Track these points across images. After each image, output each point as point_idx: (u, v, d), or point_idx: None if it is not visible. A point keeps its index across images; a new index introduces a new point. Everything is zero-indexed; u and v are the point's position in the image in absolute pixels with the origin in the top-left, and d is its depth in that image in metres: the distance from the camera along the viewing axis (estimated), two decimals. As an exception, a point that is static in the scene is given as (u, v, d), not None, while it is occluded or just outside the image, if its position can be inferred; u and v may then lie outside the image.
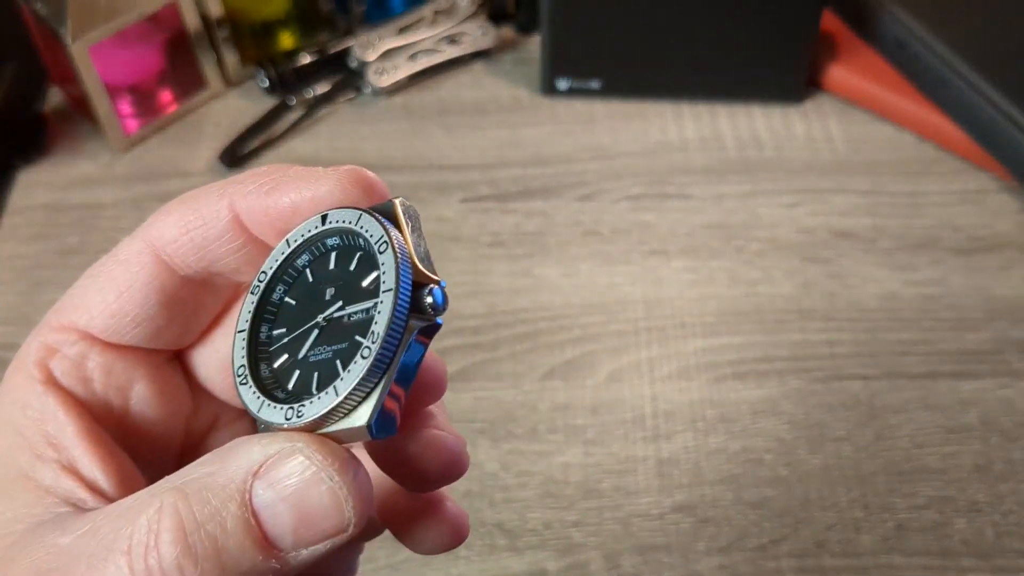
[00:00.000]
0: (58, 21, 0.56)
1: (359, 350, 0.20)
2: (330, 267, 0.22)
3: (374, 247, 0.21)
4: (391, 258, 0.20)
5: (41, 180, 0.61)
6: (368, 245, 0.21)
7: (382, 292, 0.20)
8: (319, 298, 0.21)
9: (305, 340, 0.21)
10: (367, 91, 0.65)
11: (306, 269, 0.22)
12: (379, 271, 0.20)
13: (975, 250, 0.56)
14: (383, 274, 0.20)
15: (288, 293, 0.22)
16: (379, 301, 0.20)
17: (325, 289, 0.21)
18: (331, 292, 0.21)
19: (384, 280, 0.20)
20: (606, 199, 0.59)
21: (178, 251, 0.23)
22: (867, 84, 0.62)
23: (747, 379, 0.50)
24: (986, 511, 0.45)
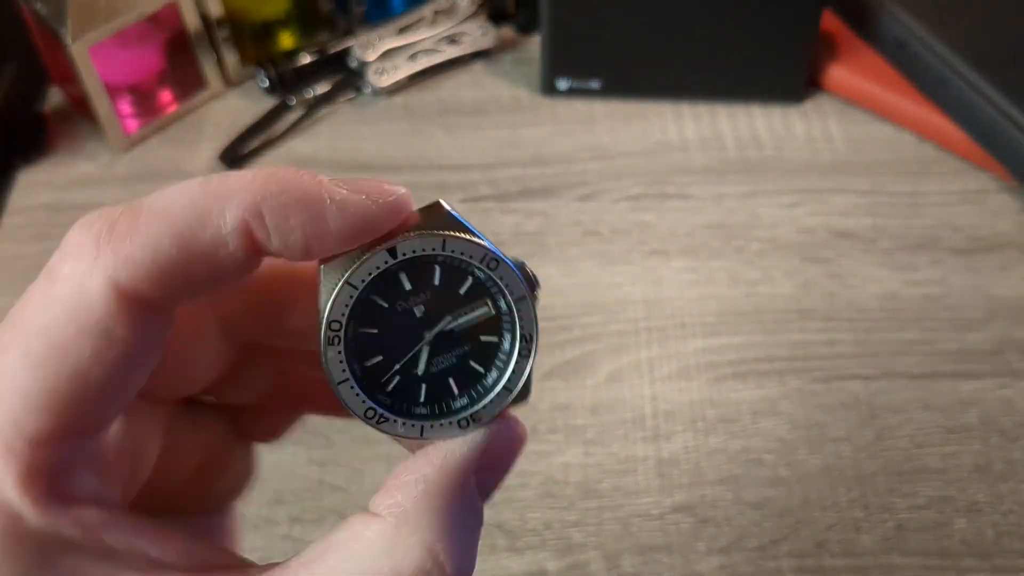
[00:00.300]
0: (58, 21, 0.56)
1: (496, 346, 0.22)
2: (406, 288, 0.22)
3: (458, 259, 0.22)
4: (496, 259, 0.22)
5: (41, 180, 0.61)
6: (446, 258, 0.22)
7: (504, 289, 0.22)
8: (410, 318, 0.22)
9: (417, 359, 0.22)
10: (367, 91, 0.65)
11: (373, 297, 0.22)
12: (479, 274, 0.22)
13: (975, 250, 0.56)
14: (500, 275, 0.22)
15: (363, 326, 0.22)
16: (504, 296, 0.22)
17: (412, 309, 0.22)
18: (422, 310, 0.22)
19: (501, 277, 0.22)
20: (606, 199, 0.59)
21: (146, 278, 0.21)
22: (867, 84, 0.62)
23: (747, 379, 0.50)
24: (986, 511, 0.45)
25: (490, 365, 0.23)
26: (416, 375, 0.22)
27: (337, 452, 0.48)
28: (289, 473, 0.47)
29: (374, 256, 0.21)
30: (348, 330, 0.21)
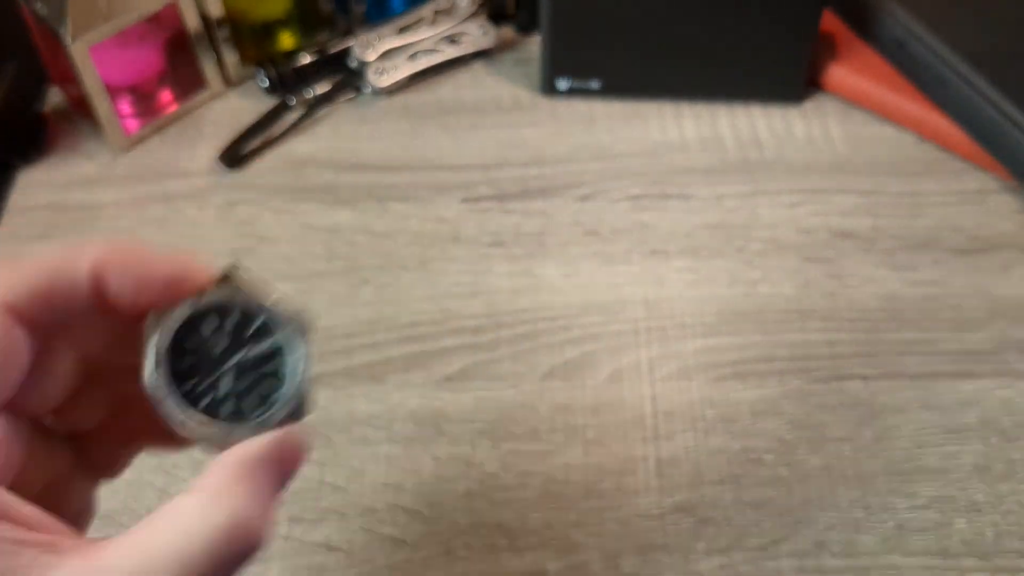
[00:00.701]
0: (58, 21, 0.56)
1: (280, 372, 0.29)
2: (212, 327, 0.29)
3: (249, 305, 0.29)
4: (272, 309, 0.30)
5: (41, 180, 0.61)
6: (240, 305, 0.29)
7: (283, 330, 0.29)
8: (216, 350, 0.29)
9: (219, 382, 0.29)
10: (367, 91, 0.65)
11: (188, 334, 0.29)
12: (265, 318, 0.29)
13: (976, 250, 0.56)
14: (280, 319, 0.29)
15: (180, 356, 0.28)
16: (283, 336, 0.29)
17: (217, 342, 0.29)
18: (225, 343, 0.29)
19: (281, 321, 0.29)
20: (606, 199, 0.59)
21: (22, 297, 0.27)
22: (867, 84, 0.62)
23: (747, 379, 0.50)
24: (986, 511, 0.45)
25: (278, 387, 0.29)
26: (221, 395, 0.29)
27: (336, 452, 0.48)
28: (289, 473, 0.47)
29: (186, 304, 0.28)
30: (169, 359, 0.28)
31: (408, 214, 0.58)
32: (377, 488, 0.47)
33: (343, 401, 0.50)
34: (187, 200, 0.59)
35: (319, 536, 0.45)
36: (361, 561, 0.44)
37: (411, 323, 0.53)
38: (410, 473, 0.47)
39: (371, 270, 0.55)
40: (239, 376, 0.29)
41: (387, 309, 0.54)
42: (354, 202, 0.59)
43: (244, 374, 0.29)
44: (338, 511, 0.46)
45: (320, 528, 0.45)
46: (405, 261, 0.56)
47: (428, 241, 0.57)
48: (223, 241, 0.57)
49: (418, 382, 0.51)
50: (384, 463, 0.48)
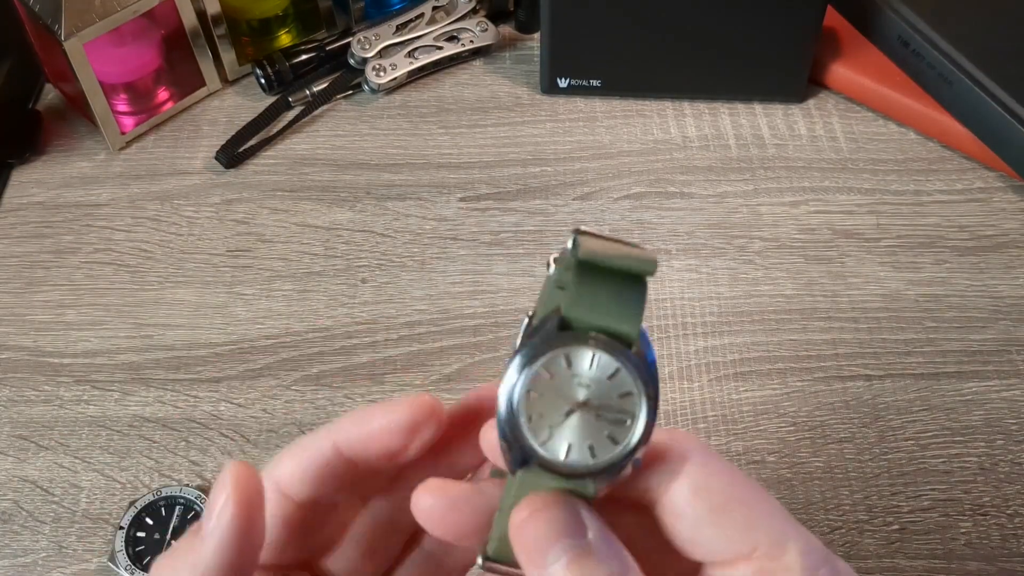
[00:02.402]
0: (53, 18, 0.55)
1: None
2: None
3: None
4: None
5: (36, 178, 0.60)
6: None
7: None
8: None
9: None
10: (366, 89, 0.64)
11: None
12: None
13: (980, 249, 0.55)
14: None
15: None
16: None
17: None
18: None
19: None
20: (607, 198, 0.58)
21: (292, 482, 0.27)
22: (870, 82, 0.62)
23: (749, 379, 0.50)
24: (991, 513, 0.45)
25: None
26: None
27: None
28: (286, 475, 0.47)
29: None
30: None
31: (407, 213, 0.58)
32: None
33: (342, 401, 0.49)
34: (184, 199, 0.59)
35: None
36: (359, 564, 0.44)
37: (410, 323, 0.53)
38: (409, 475, 0.47)
39: (370, 269, 0.55)
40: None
41: (386, 309, 0.53)
42: (353, 201, 0.58)
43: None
44: (336, 513, 0.45)
45: (318, 530, 0.45)
46: (404, 260, 0.55)
47: (427, 240, 0.56)
48: (220, 240, 0.56)
49: (418, 382, 0.50)
50: (383, 465, 0.47)
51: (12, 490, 0.47)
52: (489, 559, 0.25)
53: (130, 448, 0.48)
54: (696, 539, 0.25)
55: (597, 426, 0.25)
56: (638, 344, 0.25)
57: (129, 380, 0.50)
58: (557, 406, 0.25)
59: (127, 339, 0.52)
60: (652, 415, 0.25)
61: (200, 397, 0.50)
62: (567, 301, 0.25)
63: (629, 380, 0.25)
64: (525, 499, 0.25)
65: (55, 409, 0.49)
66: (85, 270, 0.55)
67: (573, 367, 0.25)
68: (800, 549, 0.24)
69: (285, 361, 0.51)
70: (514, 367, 0.25)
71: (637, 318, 0.25)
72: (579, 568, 0.23)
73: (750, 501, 0.25)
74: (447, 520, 0.26)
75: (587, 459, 0.25)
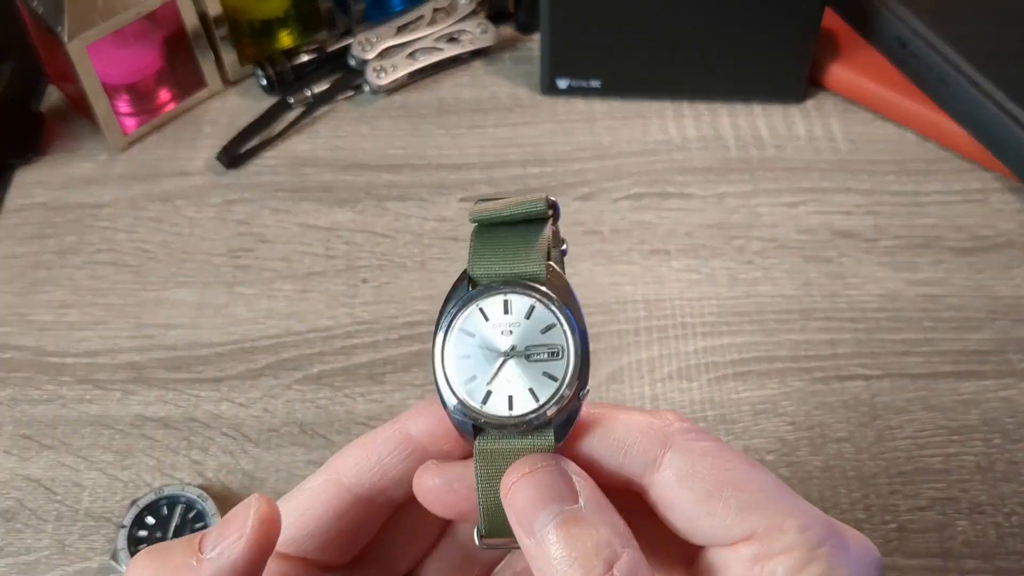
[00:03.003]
0: (55, 19, 0.55)
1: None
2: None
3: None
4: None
5: (38, 179, 0.60)
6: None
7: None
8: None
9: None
10: (366, 90, 0.65)
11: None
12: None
13: (977, 249, 0.55)
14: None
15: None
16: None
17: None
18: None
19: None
20: (606, 198, 0.58)
21: (356, 470, 0.27)
22: (868, 83, 0.62)
23: (748, 379, 0.50)
24: (988, 512, 0.45)
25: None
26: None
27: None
28: (287, 474, 0.47)
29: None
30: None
31: (407, 213, 0.58)
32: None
33: (343, 401, 0.50)
34: (185, 199, 0.59)
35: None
36: (360, 562, 0.44)
37: (411, 323, 0.53)
38: (409, 474, 0.47)
39: (370, 269, 0.55)
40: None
41: (387, 309, 0.53)
42: (353, 201, 0.59)
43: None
44: (337, 512, 0.46)
45: (319, 529, 0.45)
46: (404, 260, 0.56)
47: (427, 240, 0.57)
48: (222, 240, 0.57)
49: (418, 382, 0.50)
50: (383, 464, 0.47)
51: (15, 489, 0.47)
52: (484, 537, 0.26)
53: (132, 447, 0.48)
54: (691, 528, 0.25)
55: (531, 368, 0.25)
56: (549, 280, 0.25)
57: (131, 380, 0.51)
58: (488, 362, 0.25)
59: (129, 339, 0.52)
60: (581, 339, 0.25)
61: (201, 396, 0.50)
62: (470, 262, 0.25)
63: (547, 313, 0.25)
64: (515, 464, 0.24)
65: (57, 408, 0.50)
66: (87, 270, 0.55)
67: (491, 318, 0.25)
68: (799, 526, 0.24)
69: (286, 361, 0.51)
70: (438, 340, 0.25)
71: (540, 256, 0.25)
72: (569, 533, 0.23)
73: (741, 483, 0.24)
74: (447, 499, 0.26)
75: (531, 403, 0.25)
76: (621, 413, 0.26)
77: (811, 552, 0.24)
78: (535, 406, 0.25)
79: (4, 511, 0.46)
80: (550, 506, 0.24)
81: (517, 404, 0.25)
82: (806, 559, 0.24)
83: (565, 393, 0.25)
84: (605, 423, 0.26)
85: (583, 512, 0.24)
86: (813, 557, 0.24)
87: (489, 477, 0.25)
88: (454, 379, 0.25)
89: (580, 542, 0.23)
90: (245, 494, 0.46)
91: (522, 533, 0.24)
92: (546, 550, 0.23)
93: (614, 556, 0.23)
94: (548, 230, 0.26)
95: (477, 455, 0.25)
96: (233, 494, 0.46)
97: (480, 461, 0.25)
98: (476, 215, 0.26)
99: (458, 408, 0.25)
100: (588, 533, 0.23)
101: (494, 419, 0.25)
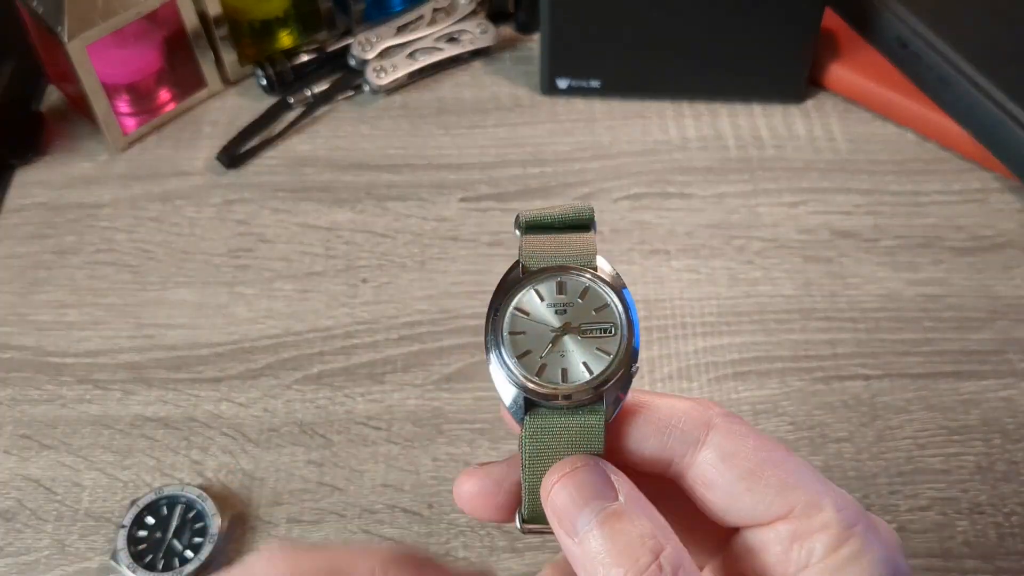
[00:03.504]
0: (55, 19, 0.55)
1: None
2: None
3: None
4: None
5: (38, 179, 0.60)
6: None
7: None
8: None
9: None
10: (366, 90, 0.65)
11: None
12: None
13: (977, 249, 0.55)
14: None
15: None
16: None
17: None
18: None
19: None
20: (606, 198, 0.58)
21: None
22: (869, 83, 0.62)
23: (748, 379, 0.50)
24: (989, 512, 0.45)
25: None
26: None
27: (336, 452, 0.48)
28: (287, 474, 0.47)
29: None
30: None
31: (407, 213, 0.58)
32: (376, 489, 0.46)
33: (343, 401, 0.50)
34: (185, 199, 0.59)
35: (318, 537, 0.45)
36: (360, 562, 0.44)
37: (410, 323, 0.53)
38: (409, 473, 0.47)
39: (370, 269, 0.55)
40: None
41: (386, 309, 0.53)
42: (353, 201, 0.59)
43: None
44: (337, 512, 0.46)
45: (319, 529, 0.45)
46: (404, 260, 0.56)
47: (427, 240, 0.57)
48: (222, 240, 0.57)
49: (417, 382, 0.50)
50: (383, 463, 0.47)
51: (15, 488, 0.47)
52: (526, 522, 0.26)
53: (132, 447, 0.48)
54: (730, 506, 0.25)
55: (585, 344, 0.25)
56: (599, 267, 0.26)
57: (131, 379, 0.51)
58: (542, 337, 0.25)
59: (129, 339, 0.52)
60: (633, 318, 0.26)
61: (201, 396, 0.50)
62: (522, 254, 0.26)
63: (601, 293, 0.26)
64: (554, 466, 0.25)
65: (57, 408, 0.50)
66: (87, 270, 0.55)
67: (546, 298, 0.26)
68: (836, 505, 0.24)
69: (286, 361, 0.51)
70: (491, 321, 0.26)
71: (591, 250, 0.26)
72: (611, 530, 0.23)
73: (780, 462, 0.25)
74: (490, 503, 0.26)
75: (584, 376, 0.25)
76: (663, 399, 0.27)
77: (847, 530, 0.24)
78: (590, 378, 0.25)
79: (4, 511, 0.46)
80: (592, 503, 0.24)
81: (571, 376, 0.25)
82: (843, 537, 0.24)
83: (618, 367, 0.25)
84: (651, 404, 0.26)
85: (624, 507, 0.24)
86: (849, 535, 0.24)
87: (537, 454, 0.25)
88: (507, 355, 0.25)
89: (624, 536, 0.23)
90: (245, 494, 0.46)
91: (564, 534, 0.24)
92: (591, 547, 0.24)
93: (659, 547, 0.23)
94: (594, 235, 0.27)
95: (525, 431, 0.25)
96: (233, 494, 0.46)
97: (528, 438, 0.25)
98: (527, 217, 0.27)
99: (512, 380, 0.25)
100: (631, 527, 0.23)
101: (549, 390, 0.25)
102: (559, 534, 0.24)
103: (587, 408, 0.25)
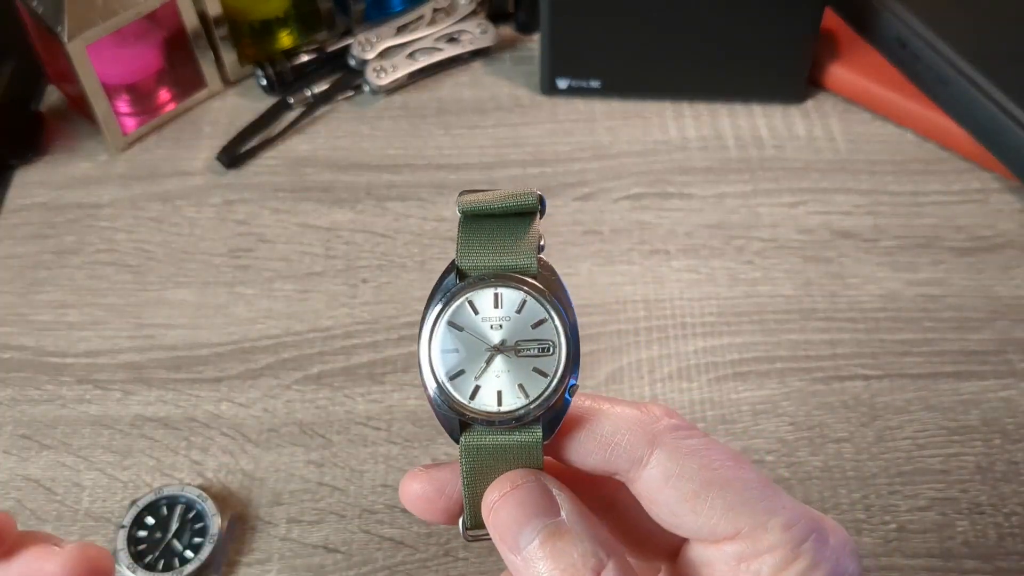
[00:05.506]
0: (55, 19, 0.55)
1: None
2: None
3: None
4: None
5: (38, 179, 0.60)
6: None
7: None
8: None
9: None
10: (366, 90, 0.65)
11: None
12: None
13: (977, 250, 0.55)
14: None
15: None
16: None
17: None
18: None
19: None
20: (606, 198, 0.58)
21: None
22: (868, 83, 0.62)
23: (748, 379, 0.50)
24: (988, 512, 0.45)
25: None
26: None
27: (335, 453, 0.48)
28: (287, 474, 0.47)
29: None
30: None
31: (407, 213, 0.58)
32: (376, 489, 0.46)
33: (343, 401, 0.50)
34: (185, 199, 0.59)
35: (318, 537, 0.45)
36: (360, 562, 0.44)
37: (410, 323, 0.53)
38: (409, 474, 0.47)
39: (370, 270, 0.55)
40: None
41: (386, 309, 0.53)
42: (353, 201, 0.59)
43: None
44: (337, 512, 0.46)
45: (319, 529, 0.45)
46: (404, 260, 0.56)
47: (427, 240, 0.57)
48: (222, 240, 0.57)
49: (417, 382, 0.50)
50: (383, 463, 0.47)
51: (15, 489, 0.47)
52: (469, 529, 0.26)
53: (131, 447, 0.48)
54: (676, 525, 0.25)
55: (521, 364, 0.24)
56: (540, 274, 0.25)
57: (131, 380, 0.51)
58: (477, 356, 0.24)
59: (129, 339, 0.52)
60: (572, 335, 0.24)
61: (201, 397, 0.50)
62: (458, 253, 0.25)
63: (538, 307, 0.24)
64: (494, 483, 0.24)
65: (57, 408, 0.50)
66: (87, 270, 0.55)
67: (480, 311, 0.24)
68: (783, 524, 0.24)
69: (286, 361, 0.51)
70: (424, 334, 0.24)
71: (530, 249, 0.25)
72: (552, 548, 0.23)
73: (727, 482, 0.25)
74: (434, 507, 0.26)
75: (520, 400, 0.24)
76: (609, 406, 0.26)
77: (794, 551, 0.24)
78: (524, 402, 0.24)
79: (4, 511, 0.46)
80: (533, 521, 0.24)
81: (506, 400, 0.24)
82: (790, 557, 0.24)
83: (555, 390, 0.24)
84: (593, 419, 0.25)
85: (566, 524, 0.24)
86: (796, 555, 0.24)
87: (474, 472, 0.25)
88: (440, 374, 0.25)
89: (565, 554, 0.23)
90: (245, 494, 0.46)
91: (507, 550, 0.24)
92: (532, 565, 0.23)
93: (600, 565, 0.23)
94: (537, 224, 0.25)
95: (463, 452, 0.25)
96: (233, 494, 0.46)
97: (465, 458, 0.25)
98: (465, 206, 0.25)
99: (444, 404, 0.25)
100: (572, 544, 0.23)
101: (482, 415, 0.24)
102: (501, 549, 0.24)
103: (524, 428, 0.24)
